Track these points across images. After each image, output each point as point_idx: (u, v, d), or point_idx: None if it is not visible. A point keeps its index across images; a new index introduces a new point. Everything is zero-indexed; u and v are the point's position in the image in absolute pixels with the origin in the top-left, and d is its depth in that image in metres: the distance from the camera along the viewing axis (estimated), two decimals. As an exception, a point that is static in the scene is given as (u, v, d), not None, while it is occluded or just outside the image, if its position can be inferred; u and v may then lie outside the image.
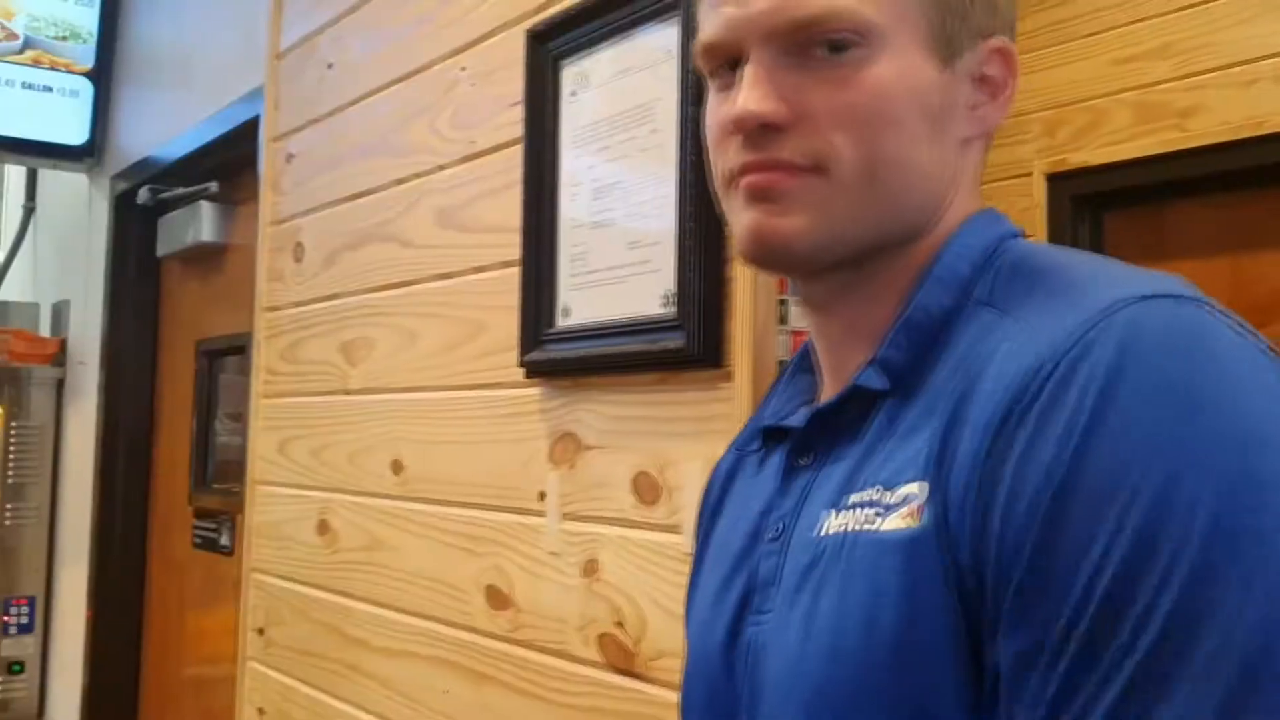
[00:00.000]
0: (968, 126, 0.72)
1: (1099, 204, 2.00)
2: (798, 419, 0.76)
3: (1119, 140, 1.94)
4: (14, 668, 3.62)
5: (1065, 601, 0.53)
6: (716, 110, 0.71)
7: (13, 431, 3.62)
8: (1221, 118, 1.79)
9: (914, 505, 0.61)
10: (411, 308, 1.84)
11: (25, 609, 3.62)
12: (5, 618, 3.59)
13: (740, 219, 0.70)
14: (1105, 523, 0.53)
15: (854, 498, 0.66)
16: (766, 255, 0.70)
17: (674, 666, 1.28)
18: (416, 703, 1.74)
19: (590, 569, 1.41)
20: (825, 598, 0.64)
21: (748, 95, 0.66)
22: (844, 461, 0.69)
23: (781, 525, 0.72)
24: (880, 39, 0.66)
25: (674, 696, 1.28)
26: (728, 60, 0.70)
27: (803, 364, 0.82)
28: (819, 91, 0.66)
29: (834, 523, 0.66)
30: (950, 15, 0.69)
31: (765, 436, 0.80)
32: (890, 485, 0.63)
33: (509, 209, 1.60)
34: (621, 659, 1.36)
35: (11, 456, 3.61)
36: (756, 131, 0.67)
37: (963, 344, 0.65)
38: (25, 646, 3.64)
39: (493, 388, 1.63)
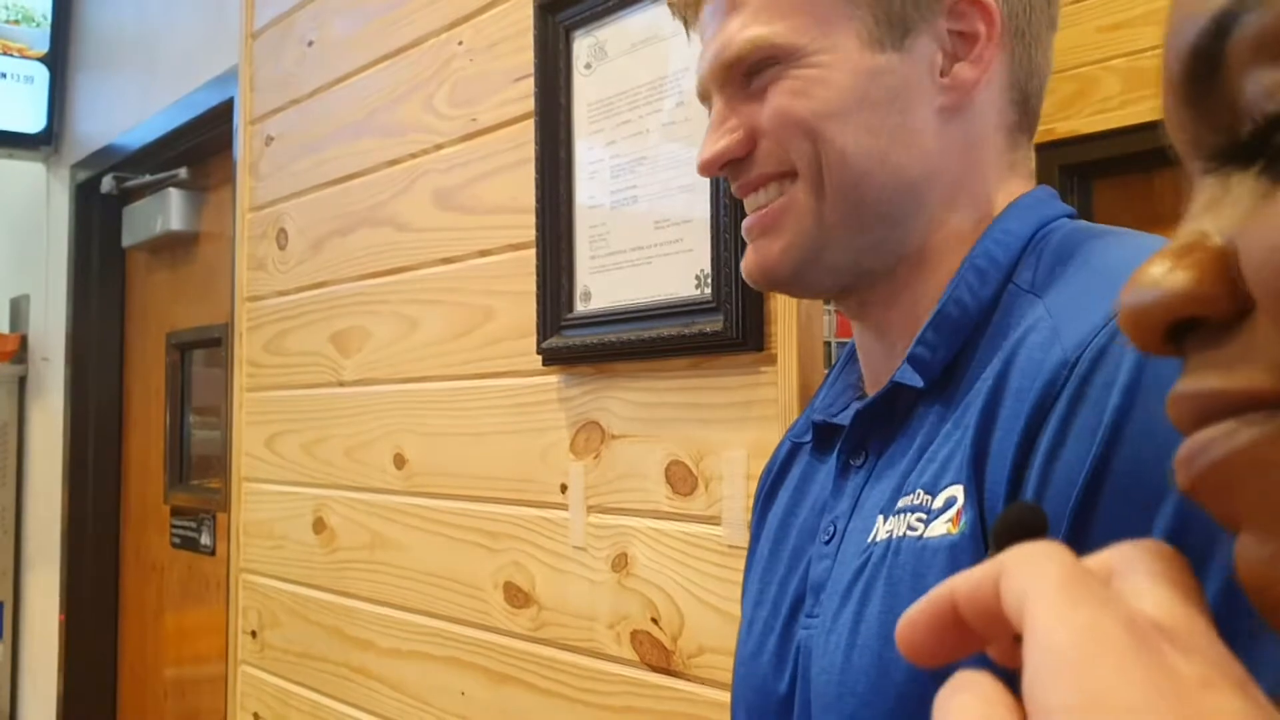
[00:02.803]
0: (943, 96, 0.68)
1: (1089, 173, 1.97)
2: (845, 416, 0.73)
3: (1108, 108, 1.91)
4: (-18, 675, 3.51)
5: None
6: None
7: (-27, 432, 3.50)
8: (1212, 84, 1.76)
9: (956, 510, 0.59)
10: (410, 294, 1.77)
11: (-8, 615, 3.51)
12: (-28, 624, 3.48)
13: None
14: (1132, 527, 0.50)
15: (902, 502, 0.64)
16: (763, 283, 0.73)
17: (716, 663, 1.23)
18: (429, 705, 1.68)
19: (620, 563, 1.36)
20: (871, 605, 0.63)
21: (705, 143, 0.72)
22: (897, 463, 0.67)
23: (834, 528, 0.70)
24: (799, 56, 0.68)
25: (717, 694, 1.23)
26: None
27: (855, 353, 0.79)
28: (756, 109, 0.69)
29: (884, 529, 0.64)
30: None
31: (816, 431, 0.77)
32: (932, 489, 0.61)
33: (516, 189, 1.53)
34: (657, 656, 1.30)
35: (-27, 458, 3.49)
36: (727, 169, 0.71)
37: (1011, 335, 0.62)
38: (-7, 653, 3.53)
39: (504, 376, 1.56)
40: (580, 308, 1.40)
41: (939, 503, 0.60)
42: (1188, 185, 0.30)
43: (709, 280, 1.22)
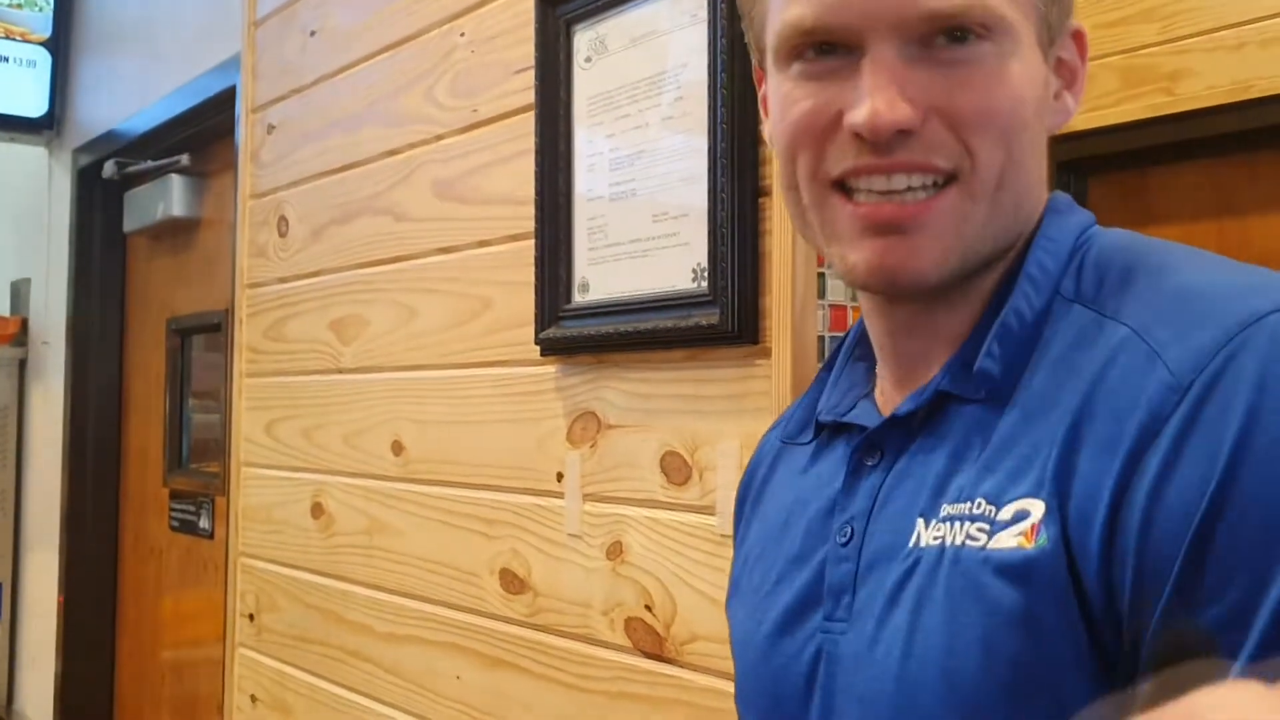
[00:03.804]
0: (1054, 117, 0.68)
1: (1084, 169, 1.98)
2: (864, 417, 0.71)
3: (1104, 105, 1.92)
4: (-20, 656, 3.53)
5: (1222, 630, 0.50)
6: (799, 102, 0.64)
7: (-27, 414, 3.52)
8: (1208, 82, 1.77)
9: (1030, 524, 0.57)
10: (408, 283, 1.79)
11: (-9, 596, 3.54)
12: (-29, 606, 3.50)
13: (856, 248, 0.64)
14: (1259, 550, 0.50)
15: (950, 509, 0.62)
16: (892, 288, 0.66)
17: (709, 651, 1.25)
18: (425, 689, 1.70)
19: (614, 551, 1.38)
20: (928, 615, 0.61)
21: (880, 98, 0.60)
22: (926, 465, 0.65)
23: (851, 529, 0.67)
24: (1009, 35, 0.62)
25: (708, 680, 1.25)
26: (829, 45, 0.63)
27: (855, 351, 0.77)
28: (955, 91, 0.61)
29: (929, 534, 0.62)
30: (1053, 3, 0.65)
31: (819, 430, 0.75)
32: (997, 500, 0.59)
33: (516, 180, 1.55)
34: (651, 643, 1.32)
35: (-27, 440, 3.51)
36: (886, 138, 0.61)
37: (1057, 345, 0.62)
38: (-8, 634, 3.55)
39: (502, 365, 1.58)
40: (578, 299, 1.42)
41: (1006, 514, 0.59)
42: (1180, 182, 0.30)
43: (705, 274, 1.24)
